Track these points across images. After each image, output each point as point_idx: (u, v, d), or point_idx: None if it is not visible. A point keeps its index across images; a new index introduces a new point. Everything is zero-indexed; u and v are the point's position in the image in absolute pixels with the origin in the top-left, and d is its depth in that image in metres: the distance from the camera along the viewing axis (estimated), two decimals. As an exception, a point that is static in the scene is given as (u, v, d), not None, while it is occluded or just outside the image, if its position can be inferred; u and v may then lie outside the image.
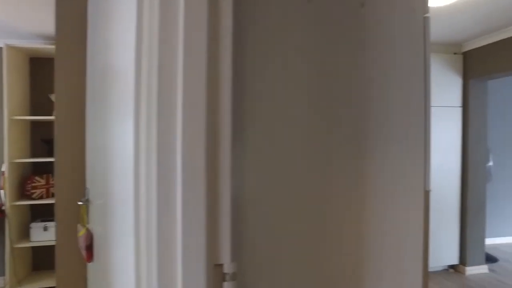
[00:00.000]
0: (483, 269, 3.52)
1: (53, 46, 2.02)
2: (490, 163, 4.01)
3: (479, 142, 3.44)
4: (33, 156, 3.14)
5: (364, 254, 0.85)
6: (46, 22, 2.61)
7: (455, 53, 3.39)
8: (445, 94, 3.39)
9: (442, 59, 3.35)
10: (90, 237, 1.16)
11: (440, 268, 3.58)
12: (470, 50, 3.34)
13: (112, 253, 0.97)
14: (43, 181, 2.94)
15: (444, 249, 3.47)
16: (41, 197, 2.92)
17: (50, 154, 2.85)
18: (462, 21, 2.75)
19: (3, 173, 2.75)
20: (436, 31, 2.99)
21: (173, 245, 0.66)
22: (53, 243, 1.92)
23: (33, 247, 3.08)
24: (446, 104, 3.39)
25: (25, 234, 2.94)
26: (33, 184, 2.89)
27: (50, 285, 2.87)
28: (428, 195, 0.88)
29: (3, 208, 2.76)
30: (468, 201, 3.44)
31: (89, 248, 1.15)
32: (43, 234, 2.87)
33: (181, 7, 0.67)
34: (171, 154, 0.67)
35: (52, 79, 1.54)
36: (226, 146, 0.70)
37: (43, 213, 3.08)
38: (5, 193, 2.74)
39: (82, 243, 1.17)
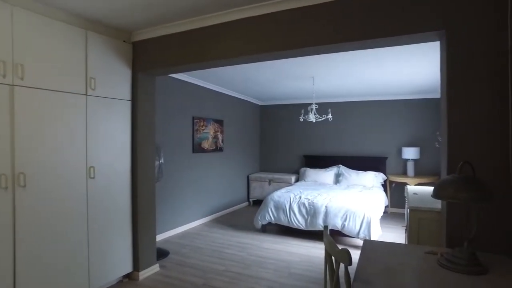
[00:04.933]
0: (155, 268, 3.46)
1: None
2: (161, 161, 4.13)
3: (147, 140, 3.31)
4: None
5: None
6: None
7: (124, 41, 3.08)
8: (116, 85, 3.00)
9: (113, 45, 2.94)
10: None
11: (115, 281, 3.18)
12: (139, 41, 3.13)
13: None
14: None
15: (118, 259, 3.09)
16: None
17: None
18: (128, 4, 2.43)
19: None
20: (104, 7, 2.51)
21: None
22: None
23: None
24: (116, 96, 3.01)
25: None
26: None
27: None
28: None
29: None
30: (139, 203, 3.24)
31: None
32: None
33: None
34: None
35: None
36: None
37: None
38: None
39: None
